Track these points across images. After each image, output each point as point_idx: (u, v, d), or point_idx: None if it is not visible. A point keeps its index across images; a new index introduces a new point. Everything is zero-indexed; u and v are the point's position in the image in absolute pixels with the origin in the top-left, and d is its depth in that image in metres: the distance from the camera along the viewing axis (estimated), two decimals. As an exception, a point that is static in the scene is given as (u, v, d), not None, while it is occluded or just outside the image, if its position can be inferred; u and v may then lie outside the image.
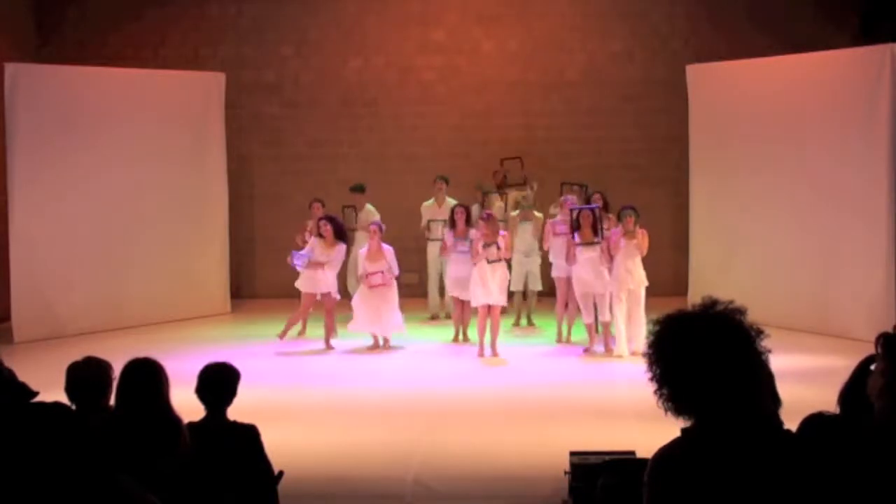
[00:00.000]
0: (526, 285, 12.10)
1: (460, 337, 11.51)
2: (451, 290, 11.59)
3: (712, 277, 12.15)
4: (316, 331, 11.61)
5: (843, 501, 3.02)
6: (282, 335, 11.24)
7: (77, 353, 4.86)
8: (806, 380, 7.46)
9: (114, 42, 14.53)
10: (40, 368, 5.79)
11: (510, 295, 11.46)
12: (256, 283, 14.44)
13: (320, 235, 11.17)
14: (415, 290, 13.38)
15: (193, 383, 4.83)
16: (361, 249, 11.19)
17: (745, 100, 12.36)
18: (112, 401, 4.47)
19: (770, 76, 12.20)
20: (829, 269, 11.52)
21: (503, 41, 14.75)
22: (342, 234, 11.27)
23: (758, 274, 12.07)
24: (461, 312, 11.46)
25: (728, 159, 12.55)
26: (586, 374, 9.97)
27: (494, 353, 10.64)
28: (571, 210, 10.90)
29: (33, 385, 4.24)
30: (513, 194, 13.05)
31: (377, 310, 10.87)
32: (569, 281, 10.99)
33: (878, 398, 3.32)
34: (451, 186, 12.98)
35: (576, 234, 10.60)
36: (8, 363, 4.52)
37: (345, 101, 14.79)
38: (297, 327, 11.68)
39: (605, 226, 10.79)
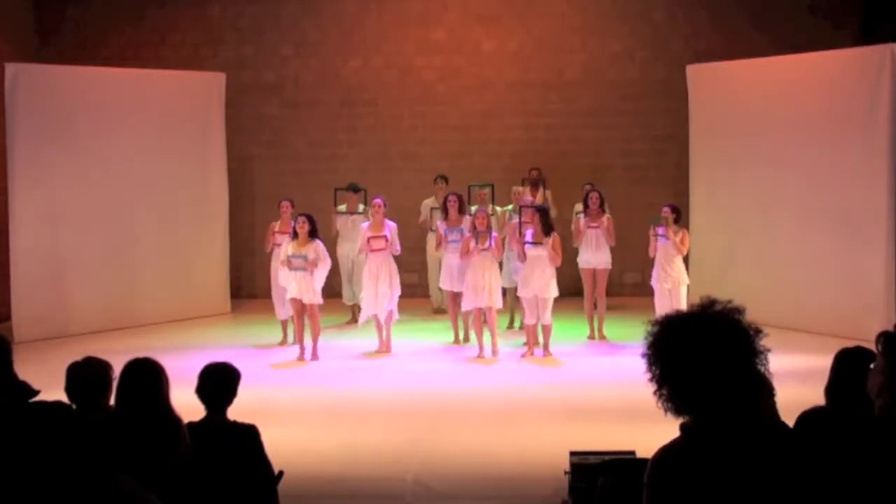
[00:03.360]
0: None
1: (461, 338, 11.49)
2: (443, 283, 11.55)
3: (712, 277, 12.14)
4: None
5: (843, 498, 3.02)
6: (313, 355, 10.65)
7: (77, 353, 4.86)
8: (806, 380, 7.45)
9: (114, 42, 14.55)
10: (40, 368, 5.79)
11: (503, 293, 11.42)
12: (256, 283, 14.43)
13: (295, 235, 10.52)
14: (415, 290, 13.38)
15: (193, 383, 4.83)
16: (364, 224, 11.07)
17: (745, 100, 12.36)
18: (112, 401, 4.48)
19: (770, 76, 12.20)
20: (829, 268, 11.52)
21: (503, 41, 14.76)
22: (316, 232, 10.63)
23: (758, 274, 12.07)
24: (455, 308, 11.39)
25: (728, 159, 12.55)
26: (586, 375, 9.95)
27: (494, 354, 10.59)
28: (521, 208, 10.91)
29: (34, 385, 4.24)
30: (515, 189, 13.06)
31: (379, 293, 10.68)
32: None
33: (879, 396, 3.34)
34: (452, 186, 12.98)
35: (528, 233, 10.51)
36: (8, 363, 4.52)
37: (345, 101, 14.80)
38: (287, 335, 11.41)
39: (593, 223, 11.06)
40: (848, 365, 3.87)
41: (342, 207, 12.61)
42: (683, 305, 10.13)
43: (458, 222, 11.26)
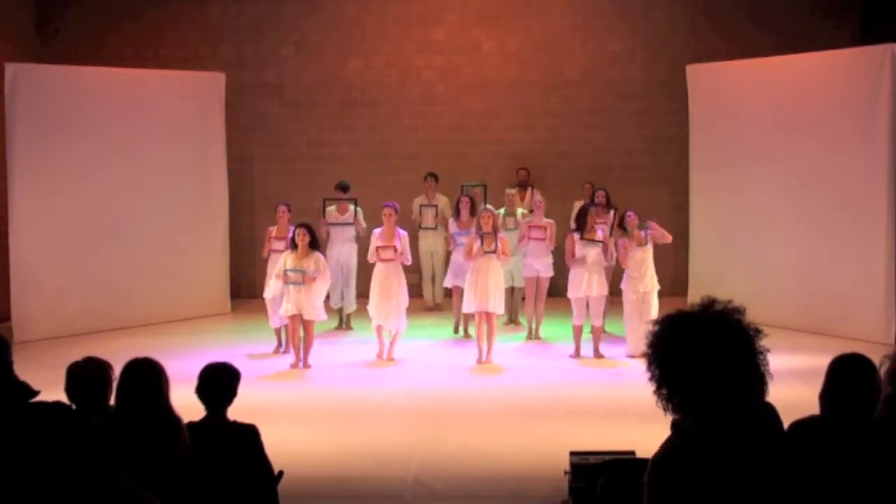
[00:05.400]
0: (512, 283, 12.00)
1: (461, 330, 11.53)
2: (447, 281, 11.75)
3: (712, 277, 12.15)
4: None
5: (845, 496, 3.03)
6: (304, 364, 10.24)
7: (77, 353, 4.85)
8: (806, 380, 7.47)
9: (114, 42, 14.55)
10: (40, 368, 5.79)
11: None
12: (256, 283, 14.42)
13: (294, 246, 10.09)
14: (415, 290, 13.36)
15: (193, 383, 4.83)
16: (376, 231, 10.63)
17: (745, 100, 12.37)
18: (112, 401, 4.48)
19: (770, 76, 12.20)
20: (829, 268, 11.52)
21: (503, 41, 14.76)
22: (317, 244, 10.26)
23: (758, 274, 12.07)
24: (460, 301, 11.36)
25: (728, 159, 12.56)
26: (586, 375, 9.95)
27: (488, 360, 10.33)
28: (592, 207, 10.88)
29: (34, 385, 4.24)
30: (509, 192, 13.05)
31: (388, 307, 10.40)
32: (536, 280, 11.24)
33: (888, 384, 3.38)
34: (451, 186, 13.00)
35: (599, 232, 10.54)
36: (8, 363, 4.51)
37: (345, 101, 14.80)
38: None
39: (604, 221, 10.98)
40: (843, 372, 3.84)
41: (332, 208, 12.36)
42: (655, 312, 10.23)
43: (469, 224, 11.33)
